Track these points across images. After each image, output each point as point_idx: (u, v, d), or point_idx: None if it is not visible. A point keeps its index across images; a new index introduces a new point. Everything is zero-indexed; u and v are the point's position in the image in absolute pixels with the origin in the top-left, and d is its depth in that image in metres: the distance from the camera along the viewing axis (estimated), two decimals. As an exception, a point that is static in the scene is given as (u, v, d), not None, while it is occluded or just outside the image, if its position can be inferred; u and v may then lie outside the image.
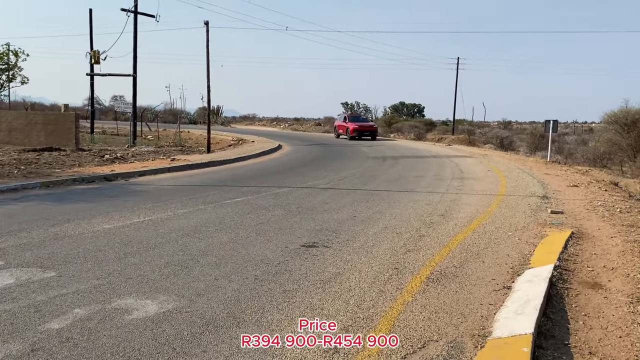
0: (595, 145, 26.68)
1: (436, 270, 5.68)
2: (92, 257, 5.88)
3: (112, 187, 11.46)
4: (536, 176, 15.38)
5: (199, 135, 33.65)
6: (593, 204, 10.16)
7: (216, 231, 7.27)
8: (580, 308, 4.60)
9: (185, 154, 20.36)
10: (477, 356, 3.64)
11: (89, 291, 4.79)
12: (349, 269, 5.69)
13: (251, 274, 5.41)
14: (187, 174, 14.50)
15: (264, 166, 17.30)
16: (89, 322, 4.08)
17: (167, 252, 6.13)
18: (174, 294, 4.76)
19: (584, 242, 6.97)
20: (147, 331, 3.95)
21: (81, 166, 14.64)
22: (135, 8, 24.89)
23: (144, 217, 8.08)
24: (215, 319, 4.22)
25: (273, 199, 10.20)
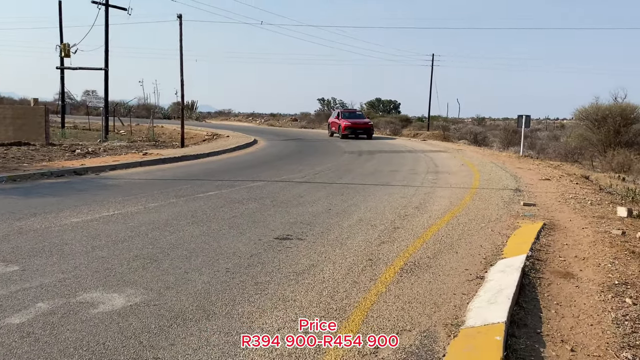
0: (567, 141, 27.10)
1: (410, 261, 5.65)
2: (58, 250, 5.71)
3: (81, 181, 11.21)
4: (509, 170, 15.52)
5: (172, 130, 33.24)
6: (565, 196, 10.26)
7: (188, 224, 7.14)
8: (553, 297, 4.60)
9: (158, 148, 20.08)
10: (450, 345, 3.61)
11: (53, 285, 4.64)
12: (322, 260, 5.62)
13: (222, 266, 5.30)
14: (159, 168, 14.27)
15: (238, 160, 17.14)
16: (52, 317, 3.94)
17: (137, 246, 5.99)
18: (142, 287, 4.64)
19: (556, 233, 7.01)
20: (113, 325, 3.83)
21: (51, 160, 14.31)
22: (106, 0, 24.45)
23: (113, 211, 7.91)
24: (184, 311, 4.11)
25: (247, 192, 10.09)
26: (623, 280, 4.97)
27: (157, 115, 54.95)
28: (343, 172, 14.03)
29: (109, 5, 24.59)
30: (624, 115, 23.42)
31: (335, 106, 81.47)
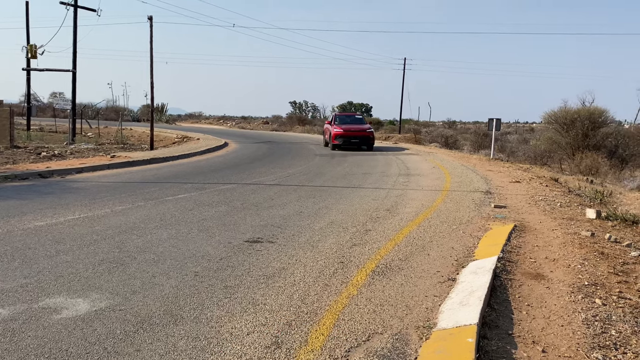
0: (536, 144, 27.51)
1: (382, 264, 5.61)
2: (21, 255, 5.52)
3: (46, 184, 10.92)
4: (480, 173, 15.66)
5: (142, 132, 32.77)
6: (535, 198, 10.38)
7: (156, 228, 6.99)
8: (524, 298, 4.61)
9: (127, 151, 19.74)
10: (422, 347, 3.57)
11: (14, 290, 4.47)
12: (293, 263, 5.55)
13: (191, 270, 5.19)
14: (127, 171, 14.00)
15: (209, 163, 16.95)
16: (13, 323, 3.79)
17: (103, 250, 5.83)
18: (107, 291, 4.50)
19: (527, 235, 7.06)
20: (77, 331, 3.69)
21: (15, 163, 13.93)
22: (75, 1, 24.00)
23: (79, 214, 7.70)
24: (150, 316, 3.99)
25: (217, 195, 9.95)
26: (593, 281, 5.01)
27: (127, 117, 54.21)
28: (314, 175, 13.97)
29: (78, 6, 24.15)
30: (592, 119, 23.88)
31: (307, 109, 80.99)
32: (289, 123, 56.61)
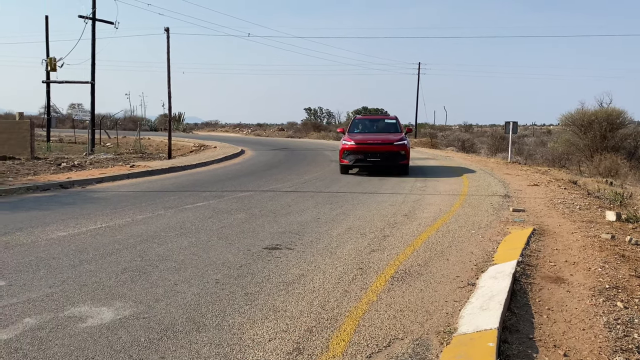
0: (554, 146, 27.30)
1: (401, 269, 5.63)
2: (45, 265, 5.63)
3: (68, 195, 11.10)
4: (497, 176, 15.59)
5: (159, 141, 33.10)
6: (553, 201, 10.32)
7: (176, 236, 7.08)
8: (544, 302, 4.60)
9: (145, 160, 19.96)
10: (443, 352, 3.58)
11: (40, 300, 4.56)
12: (312, 270, 5.59)
13: (212, 277, 5.25)
14: (147, 180, 14.17)
15: (226, 171, 17.07)
16: (40, 332, 3.87)
17: (125, 259, 5.92)
18: (131, 300, 4.58)
19: (546, 239, 7.03)
20: (102, 339, 3.76)
21: (36, 174, 14.16)
22: (93, 15, 24.40)
23: (100, 224, 7.82)
24: (174, 324, 4.06)
25: (235, 202, 10.03)
26: (614, 284, 4.99)
27: (144, 127, 54.72)
28: (331, 181, 14.01)
29: (96, 19, 24.55)
30: (610, 120, 23.64)
31: (322, 115, 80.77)
32: (304, 129, 56.79)
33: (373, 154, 15.56)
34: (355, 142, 15.78)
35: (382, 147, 15.69)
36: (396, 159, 15.63)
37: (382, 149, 15.64)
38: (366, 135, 16.68)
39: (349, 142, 15.84)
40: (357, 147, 15.64)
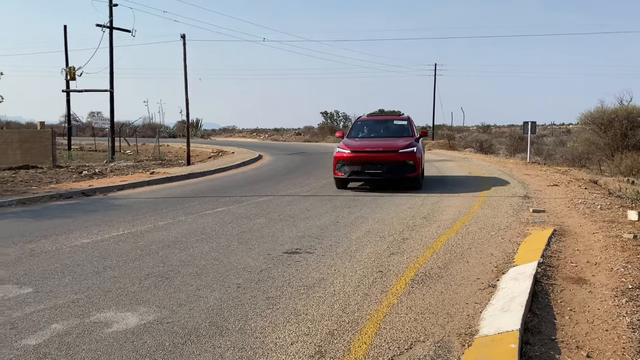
0: (574, 146, 27.04)
1: (421, 272, 5.64)
2: (70, 271, 5.74)
3: (90, 202, 11.27)
4: (516, 177, 15.49)
5: (178, 148, 33.39)
6: (574, 202, 10.23)
7: (197, 241, 7.16)
8: (566, 303, 4.58)
9: (164, 167, 20.17)
10: (465, 354, 3.59)
11: (67, 306, 4.66)
12: (332, 273, 5.62)
13: (233, 282, 5.31)
14: (167, 187, 14.33)
15: (244, 176, 17.19)
16: (67, 337, 3.96)
17: (148, 264, 6.01)
18: (154, 305, 4.65)
19: (567, 239, 6.98)
20: (128, 343, 3.84)
21: (58, 183, 14.40)
22: (110, 23, 24.72)
23: (123, 230, 7.94)
24: (197, 328, 4.12)
25: (254, 207, 10.11)
26: (637, 284, 4.94)
27: (163, 134, 55.25)
28: (350, 185, 14.02)
29: (114, 27, 24.87)
30: (631, 118, 23.34)
31: (338, 119, 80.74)
32: (321, 133, 56.87)
33: (373, 165, 12.53)
34: (352, 149, 12.76)
35: (384, 155, 12.57)
36: (402, 171, 12.43)
37: (384, 158, 12.53)
38: (366, 141, 13.68)
39: (344, 149, 12.81)
40: (353, 157, 12.61)
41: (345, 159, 12.61)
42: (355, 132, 14.65)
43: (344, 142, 13.44)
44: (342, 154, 12.71)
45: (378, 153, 12.62)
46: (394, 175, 12.44)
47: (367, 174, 12.55)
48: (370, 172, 12.49)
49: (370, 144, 13.30)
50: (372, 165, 12.47)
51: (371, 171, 12.48)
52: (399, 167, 12.40)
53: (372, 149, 12.82)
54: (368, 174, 12.54)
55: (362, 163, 12.50)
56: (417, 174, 12.55)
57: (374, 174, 12.51)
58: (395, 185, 13.04)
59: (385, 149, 12.70)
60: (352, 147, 12.91)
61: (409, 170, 12.39)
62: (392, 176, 12.45)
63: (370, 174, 12.53)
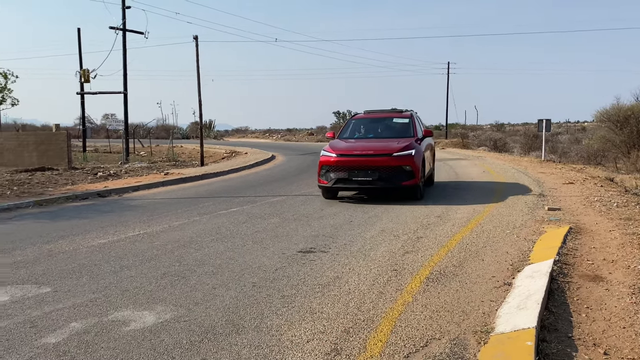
0: (589, 143, 26.79)
1: (435, 270, 5.63)
2: (88, 271, 5.81)
3: (105, 203, 11.38)
4: (531, 175, 15.40)
5: (192, 149, 33.56)
6: (589, 199, 10.15)
7: (212, 241, 7.21)
8: (582, 301, 4.56)
9: (178, 168, 20.29)
10: (481, 352, 3.59)
11: (85, 305, 4.71)
12: (347, 272, 5.63)
13: (249, 281, 5.35)
14: (181, 187, 14.42)
15: (258, 176, 17.25)
16: (86, 335, 4.01)
17: (164, 264, 6.06)
18: (171, 304, 4.70)
19: (583, 237, 6.94)
20: (146, 342, 3.88)
21: (74, 184, 14.54)
22: (123, 26, 24.93)
23: (139, 231, 8.01)
24: (214, 326, 4.15)
25: (268, 207, 10.15)
26: (654, 281, 4.90)
27: (176, 135, 55.58)
28: (363, 184, 13.99)
29: (127, 30, 25.06)
30: (647, 115, 23.07)
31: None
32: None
33: (362, 171, 10.66)
34: (338, 152, 11.01)
35: (375, 160, 10.62)
36: (397, 178, 10.56)
37: (375, 162, 10.59)
38: (357, 143, 11.79)
39: (330, 153, 11.10)
40: (339, 161, 10.82)
41: (331, 163, 10.89)
42: (348, 131, 12.81)
43: (332, 144, 11.71)
44: (327, 158, 11.02)
45: (368, 157, 10.70)
46: (387, 184, 10.59)
47: (355, 182, 10.74)
48: (359, 179, 10.67)
49: (360, 146, 11.45)
50: (361, 172, 10.65)
51: (360, 178, 10.66)
52: (393, 174, 10.56)
53: (361, 151, 10.93)
54: (356, 181, 10.72)
55: (349, 169, 10.72)
56: (415, 181, 10.60)
57: (363, 182, 10.69)
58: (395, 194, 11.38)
59: (376, 151, 10.82)
60: (338, 149, 11.14)
61: (405, 177, 10.55)
62: (385, 184, 10.59)
63: (359, 182, 10.72)
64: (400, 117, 12.72)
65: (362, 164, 10.61)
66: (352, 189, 11.28)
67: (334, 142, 11.86)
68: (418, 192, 10.84)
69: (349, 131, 12.75)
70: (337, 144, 11.68)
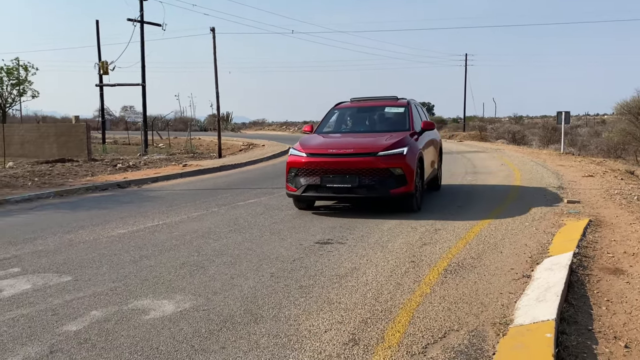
0: (609, 136, 26.42)
1: (453, 262, 5.61)
2: (108, 261, 5.88)
3: (125, 194, 11.49)
4: (550, 168, 15.24)
5: (209, 141, 33.72)
6: (610, 192, 10.03)
7: (230, 232, 7.25)
8: (602, 294, 4.51)
9: (196, 159, 20.42)
10: (500, 343, 3.58)
11: (105, 294, 4.77)
12: (364, 263, 5.63)
13: (267, 271, 5.38)
14: (199, 179, 14.52)
15: (275, 169, 17.28)
16: (107, 324, 4.06)
17: (182, 254, 6.12)
18: (190, 293, 4.74)
19: (603, 230, 6.86)
20: (165, 330, 3.92)
21: (94, 175, 14.70)
22: (141, 18, 25.02)
23: (158, 221, 8.09)
24: (232, 315, 4.18)
25: (285, 199, 10.15)
26: (676, 274, 4.84)
27: (194, 127, 55.84)
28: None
29: (144, 22, 25.17)
30: (669, 107, 22.70)
31: None
32: (351, 125, 56.68)
33: (337, 176, 8.26)
34: (309, 151, 8.63)
35: (355, 161, 8.22)
36: (383, 185, 8.14)
37: (355, 164, 8.19)
38: (334, 139, 9.41)
39: (299, 152, 8.75)
40: (310, 163, 8.43)
41: (300, 165, 8.52)
42: (329, 124, 10.52)
43: (303, 140, 9.39)
44: (296, 159, 8.66)
45: (346, 157, 8.27)
46: (370, 192, 8.16)
47: (329, 190, 8.29)
48: (334, 186, 8.25)
49: (338, 142, 9.01)
50: (337, 177, 8.24)
51: (335, 185, 8.24)
52: (378, 179, 8.13)
53: (338, 150, 8.45)
54: (331, 189, 8.28)
55: (322, 172, 8.29)
56: (409, 189, 8.20)
57: (340, 190, 8.26)
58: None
59: (357, 150, 8.36)
60: (309, 147, 8.76)
61: (394, 184, 8.14)
62: (368, 193, 8.18)
63: (334, 190, 8.28)
64: (394, 105, 10.27)
65: (339, 167, 8.23)
66: (327, 198, 8.87)
67: (307, 138, 9.62)
68: (413, 202, 8.48)
69: (330, 124, 10.48)
70: (310, 140, 9.35)
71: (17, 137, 22.39)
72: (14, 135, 22.51)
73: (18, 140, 22.32)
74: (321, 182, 8.29)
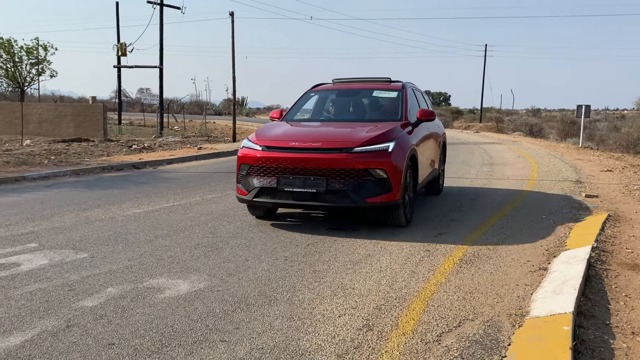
0: (629, 131, 26.09)
1: (469, 252, 5.57)
2: (123, 239, 5.91)
3: (140, 175, 11.55)
4: (568, 161, 15.08)
5: (224, 125, 33.77)
6: (629, 187, 9.90)
7: (244, 215, 7.26)
8: (621, 289, 4.45)
9: (211, 143, 20.46)
10: (515, 335, 3.54)
11: (121, 271, 4.80)
12: (379, 250, 5.61)
13: (281, 254, 5.37)
14: (214, 162, 14.56)
15: (290, 154, 17.26)
16: (122, 300, 4.08)
17: (197, 235, 6.13)
18: (205, 273, 4.75)
19: (622, 225, 6.77)
20: (180, 309, 3.93)
21: (110, 155, 14.79)
22: (161, 0, 25.01)
23: (173, 202, 8.12)
24: (246, 297, 4.19)
25: (301, 184, 10.15)
26: (696, 272, 4.76)
27: (209, 111, 55.92)
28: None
29: (164, 4, 25.16)
30: (690, 104, 22.32)
31: None
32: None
33: (299, 178, 6.27)
34: (264, 143, 6.64)
35: (322, 159, 6.24)
36: (358, 190, 6.15)
37: (321, 163, 6.22)
38: (300, 128, 7.56)
39: (253, 144, 6.73)
40: (265, 159, 6.48)
41: (253, 162, 6.58)
42: (306, 110, 8.54)
43: (261, 129, 7.36)
44: (248, 152, 6.70)
45: (311, 152, 6.30)
46: (340, 200, 6.19)
47: (287, 195, 6.35)
48: (294, 190, 6.28)
49: (304, 133, 7.15)
50: (299, 178, 6.26)
51: (295, 189, 6.28)
52: (352, 183, 6.17)
53: (302, 143, 6.47)
54: (290, 194, 6.33)
55: (279, 172, 6.37)
56: (394, 198, 6.28)
57: (301, 196, 6.29)
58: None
59: (327, 143, 6.41)
60: (266, 138, 6.78)
61: (372, 190, 6.20)
62: (338, 201, 6.21)
63: (294, 195, 6.32)
64: (385, 89, 8.18)
65: (301, 165, 6.26)
66: (285, 206, 6.77)
67: (268, 127, 7.54)
68: (399, 215, 6.57)
69: (304, 110, 8.48)
70: (270, 129, 7.31)
71: (35, 116, 22.53)
72: (32, 114, 22.65)
73: (36, 119, 22.47)
74: (278, 184, 6.34)
